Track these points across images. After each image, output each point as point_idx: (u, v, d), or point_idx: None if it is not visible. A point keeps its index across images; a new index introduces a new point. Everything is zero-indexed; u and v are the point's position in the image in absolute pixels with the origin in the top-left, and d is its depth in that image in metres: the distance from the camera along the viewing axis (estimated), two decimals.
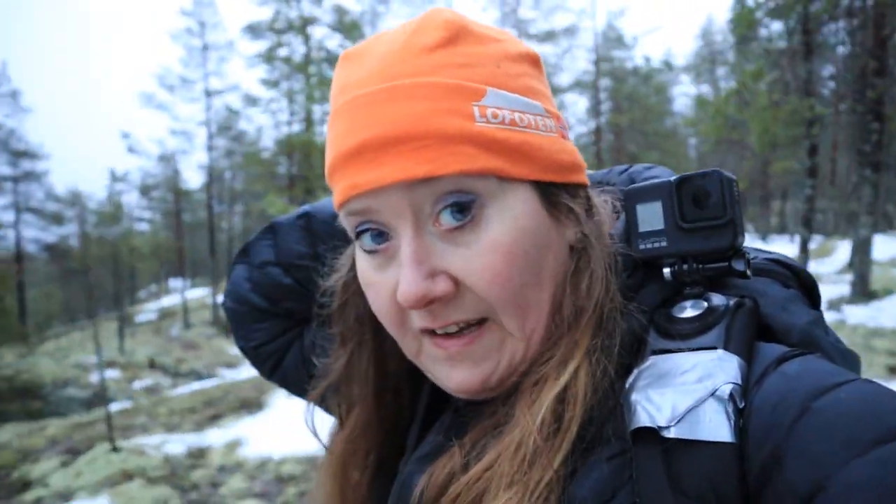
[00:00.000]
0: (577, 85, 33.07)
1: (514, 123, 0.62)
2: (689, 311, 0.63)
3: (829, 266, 21.10)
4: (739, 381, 0.55)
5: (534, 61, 0.69)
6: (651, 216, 0.67)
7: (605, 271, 0.65)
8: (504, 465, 0.58)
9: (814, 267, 20.38)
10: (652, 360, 0.60)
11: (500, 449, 0.59)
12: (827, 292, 12.97)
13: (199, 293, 43.50)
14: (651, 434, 0.54)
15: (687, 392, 0.55)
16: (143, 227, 42.89)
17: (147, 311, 42.20)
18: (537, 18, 32.14)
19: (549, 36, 31.73)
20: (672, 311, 0.64)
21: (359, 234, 0.65)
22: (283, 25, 21.13)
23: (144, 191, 37.57)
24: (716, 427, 0.52)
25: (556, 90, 32.59)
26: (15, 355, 22.37)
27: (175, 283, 50.93)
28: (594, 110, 33.56)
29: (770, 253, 0.70)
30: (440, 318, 0.63)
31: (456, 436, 0.68)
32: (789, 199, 38.45)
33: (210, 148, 31.21)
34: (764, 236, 30.41)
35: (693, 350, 0.59)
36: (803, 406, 0.51)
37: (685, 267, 0.65)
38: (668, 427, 0.54)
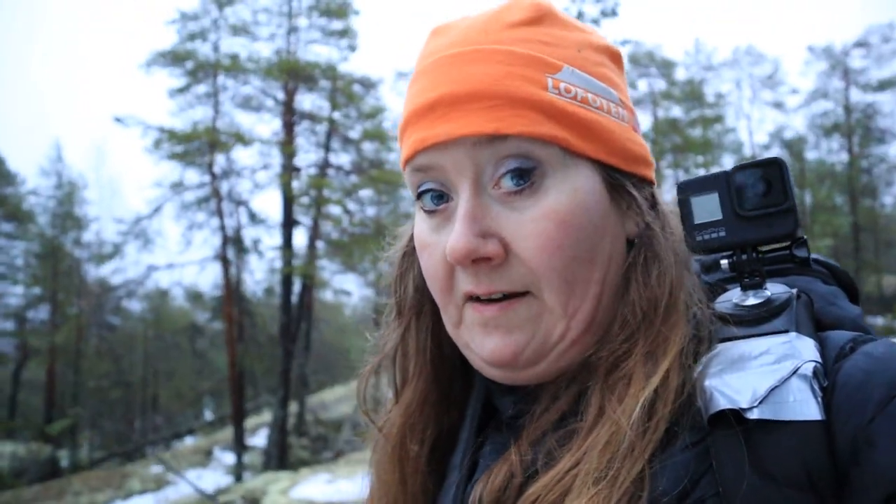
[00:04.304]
0: None
1: (585, 102, 0.64)
2: (751, 299, 0.63)
3: None
4: (820, 360, 0.54)
5: (614, 57, 0.71)
6: (707, 207, 0.66)
7: (676, 264, 0.64)
8: (592, 462, 0.56)
9: None
10: (719, 347, 0.60)
11: (586, 446, 0.58)
12: None
13: None
14: (730, 418, 0.53)
15: (766, 373, 0.54)
16: None
17: None
18: (868, 67, 31.68)
19: (883, 85, 31.05)
20: (734, 299, 0.64)
21: (420, 195, 0.67)
22: None
23: None
24: (802, 405, 0.52)
25: (893, 137, 31.42)
26: None
27: None
28: None
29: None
30: (484, 284, 0.63)
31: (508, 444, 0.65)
32: None
33: None
34: None
35: (763, 335, 0.59)
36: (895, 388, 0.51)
37: (744, 256, 0.64)
38: (750, 408, 0.52)
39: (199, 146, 18.81)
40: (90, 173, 31.77)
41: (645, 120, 25.37)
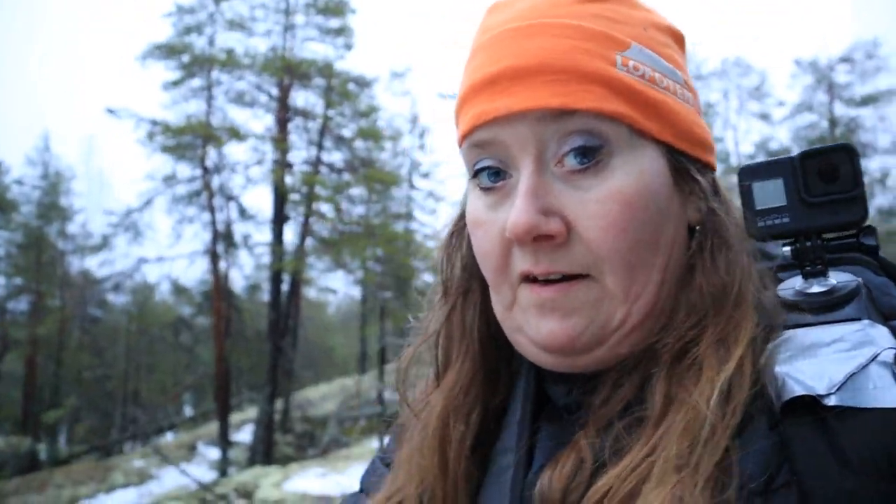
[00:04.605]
0: None
1: (653, 81, 0.62)
2: (815, 287, 0.62)
3: None
4: None
5: (678, 38, 0.70)
6: (770, 193, 0.65)
7: (744, 250, 0.64)
8: (670, 449, 0.54)
9: None
10: (787, 333, 0.59)
11: (660, 433, 0.55)
12: None
13: None
14: (805, 406, 0.52)
15: (842, 360, 0.53)
16: None
17: None
18: (853, 82, 32.29)
19: (866, 100, 31.68)
20: (796, 287, 0.63)
21: (477, 172, 0.65)
22: None
23: None
24: (884, 392, 0.51)
25: (874, 151, 32.12)
26: None
27: None
28: None
29: None
30: (543, 263, 0.61)
31: (567, 434, 0.63)
32: None
33: None
34: None
35: (833, 322, 0.58)
36: None
37: (808, 244, 0.63)
38: (828, 395, 0.51)
39: (192, 140, 18.75)
40: (79, 165, 31.43)
41: None
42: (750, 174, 0.68)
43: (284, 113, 18.98)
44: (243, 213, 19.91)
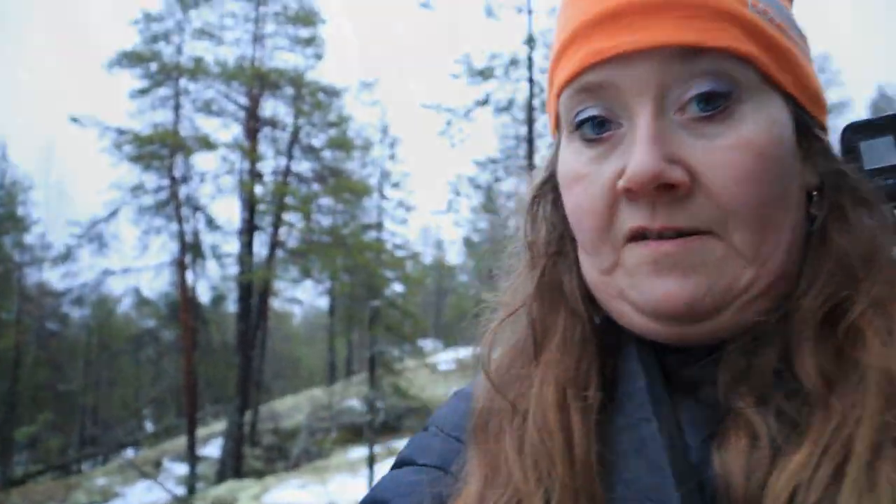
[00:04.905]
0: None
1: (781, 28, 0.59)
2: None
3: None
4: None
5: None
6: (880, 152, 0.61)
7: (884, 209, 0.60)
8: (872, 419, 0.48)
9: None
10: None
11: (845, 403, 0.50)
12: None
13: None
14: None
15: None
16: None
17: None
18: None
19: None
20: None
21: (579, 124, 0.59)
22: None
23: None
24: None
25: None
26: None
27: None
28: None
29: None
30: (661, 218, 0.55)
31: (712, 419, 0.55)
32: None
33: None
34: None
35: None
36: None
37: None
38: None
39: (160, 149, 18.47)
40: (37, 174, 30.52)
41: None
42: (857, 132, 0.64)
43: (254, 122, 18.85)
44: (211, 224, 19.66)
